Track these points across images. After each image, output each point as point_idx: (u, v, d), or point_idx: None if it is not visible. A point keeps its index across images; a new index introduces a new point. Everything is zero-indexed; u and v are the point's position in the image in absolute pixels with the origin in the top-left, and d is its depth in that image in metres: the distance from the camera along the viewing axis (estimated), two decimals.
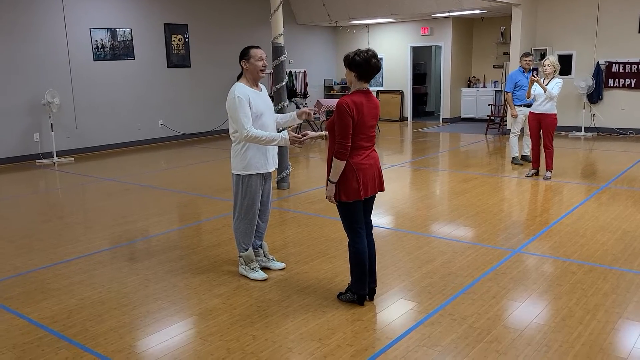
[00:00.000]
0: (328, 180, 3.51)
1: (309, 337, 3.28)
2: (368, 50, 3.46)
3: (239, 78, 4.06)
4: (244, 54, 4.00)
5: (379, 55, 15.36)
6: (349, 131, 3.38)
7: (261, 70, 3.99)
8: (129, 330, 3.43)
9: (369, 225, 3.78)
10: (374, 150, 3.64)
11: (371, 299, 3.78)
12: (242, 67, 4.02)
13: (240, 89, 3.93)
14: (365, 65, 3.41)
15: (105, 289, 4.10)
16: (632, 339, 3.19)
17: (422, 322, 3.44)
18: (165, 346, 3.23)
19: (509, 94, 8.50)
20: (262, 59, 3.99)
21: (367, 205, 3.74)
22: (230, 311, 3.66)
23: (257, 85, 4.08)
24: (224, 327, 3.44)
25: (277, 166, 4.33)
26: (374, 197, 3.71)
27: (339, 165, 3.43)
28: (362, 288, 3.67)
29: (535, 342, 3.15)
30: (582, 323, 3.38)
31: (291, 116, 4.32)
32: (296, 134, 3.96)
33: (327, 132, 3.57)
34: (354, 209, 3.58)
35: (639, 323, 3.37)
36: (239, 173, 4.07)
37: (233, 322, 3.51)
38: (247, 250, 4.20)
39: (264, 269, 4.34)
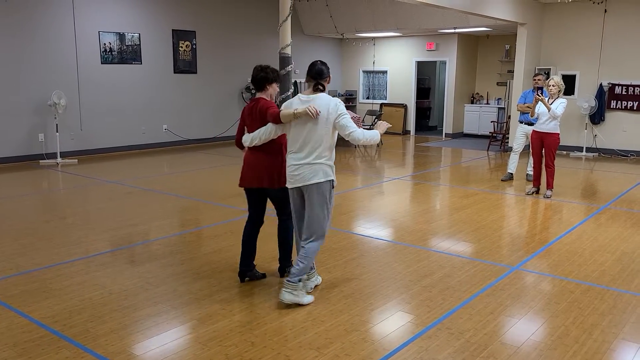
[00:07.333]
0: None
1: (307, 346, 3.31)
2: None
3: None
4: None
5: (384, 69, 15.66)
6: (240, 128, 4.19)
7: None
8: (129, 333, 3.46)
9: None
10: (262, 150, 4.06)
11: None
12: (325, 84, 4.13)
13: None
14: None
15: (106, 290, 4.13)
16: None
17: (419, 335, 3.47)
18: (165, 349, 3.26)
19: (519, 105, 8.52)
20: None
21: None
22: (229, 317, 3.69)
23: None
24: (223, 332, 3.47)
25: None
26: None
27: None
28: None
29: (531, 359, 3.18)
30: (578, 342, 3.41)
31: None
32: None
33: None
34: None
35: (635, 343, 3.40)
36: None
37: (232, 328, 3.54)
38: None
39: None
